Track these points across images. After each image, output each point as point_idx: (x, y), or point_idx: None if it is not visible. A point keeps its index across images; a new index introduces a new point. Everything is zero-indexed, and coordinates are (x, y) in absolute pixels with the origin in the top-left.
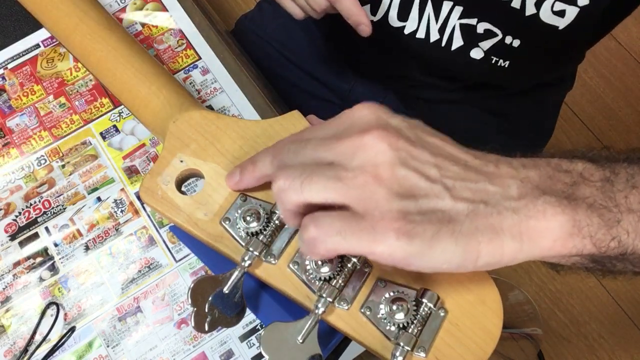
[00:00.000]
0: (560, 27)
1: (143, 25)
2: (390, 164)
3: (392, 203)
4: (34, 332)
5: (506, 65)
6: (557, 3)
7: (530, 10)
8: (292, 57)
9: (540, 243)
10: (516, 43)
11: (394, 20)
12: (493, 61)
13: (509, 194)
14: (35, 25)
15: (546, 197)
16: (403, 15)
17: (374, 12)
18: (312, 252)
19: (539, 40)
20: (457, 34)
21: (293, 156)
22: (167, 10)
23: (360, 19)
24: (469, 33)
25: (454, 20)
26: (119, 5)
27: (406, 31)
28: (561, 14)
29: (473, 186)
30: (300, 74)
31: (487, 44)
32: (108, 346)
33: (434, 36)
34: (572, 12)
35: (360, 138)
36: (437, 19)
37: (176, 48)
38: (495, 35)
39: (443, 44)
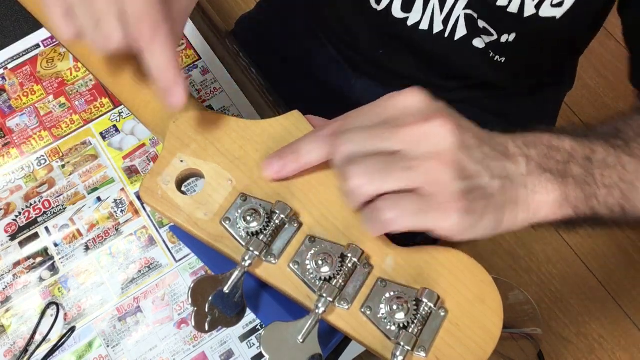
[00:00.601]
0: (558, 17)
1: None
2: (452, 150)
3: (455, 185)
4: (34, 332)
5: (503, 61)
6: None
7: (529, 12)
8: (292, 57)
9: (541, 213)
10: (512, 38)
11: (397, 11)
12: (491, 54)
13: (521, 171)
14: (35, 25)
15: (547, 175)
16: (407, 6)
17: (377, 1)
18: (387, 229)
19: (536, 34)
20: (462, 23)
21: (356, 148)
22: None
23: (172, 86)
24: (472, 23)
25: (459, 11)
26: None
27: (409, 22)
28: (560, 4)
29: (500, 164)
30: (300, 73)
31: (486, 39)
32: (108, 346)
33: (438, 27)
34: (570, 0)
35: (423, 125)
36: (441, 10)
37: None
38: (491, 34)
39: (446, 34)
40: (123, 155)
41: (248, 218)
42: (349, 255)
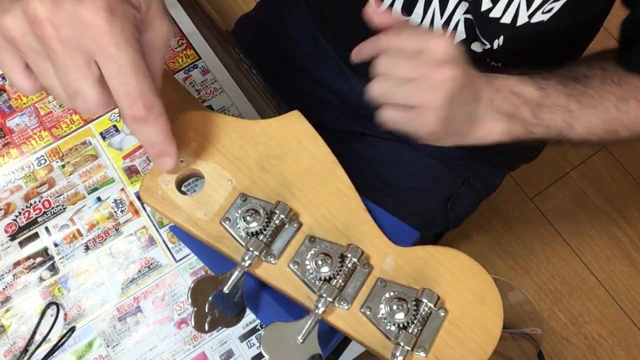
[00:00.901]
0: (545, 20)
1: None
2: (447, 92)
3: (438, 112)
4: (34, 332)
5: (499, 65)
6: (547, 4)
7: (522, 21)
8: (292, 57)
9: (490, 137)
10: (501, 42)
11: (397, 13)
12: (487, 60)
13: (482, 110)
14: None
15: (498, 115)
16: (408, 8)
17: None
18: (382, 104)
19: (526, 37)
20: (461, 27)
21: (392, 67)
22: None
23: (162, 156)
24: (471, 28)
25: (459, 15)
26: None
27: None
28: (550, 10)
29: (469, 107)
30: (300, 73)
31: (482, 46)
32: (108, 346)
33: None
34: (558, 5)
35: (438, 69)
36: (442, 14)
37: (176, 48)
38: (485, 43)
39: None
40: (123, 155)
41: (248, 218)
42: (349, 255)
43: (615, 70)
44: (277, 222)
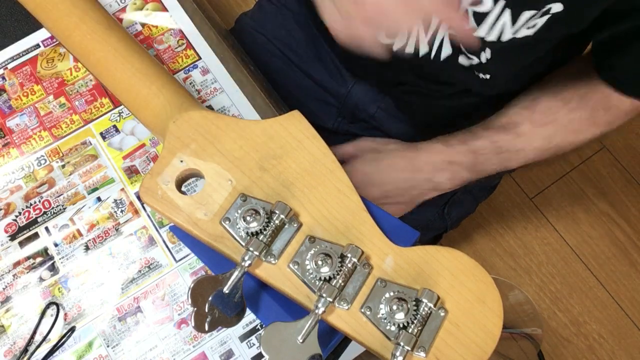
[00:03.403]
0: (532, 34)
1: (143, 25)
2: (370, 178)
3: (375, 194)
4: (34, 332)
5: (488, 78)
6: (531, 20)
7: (506, 37)
8: (292, 56)
9: (437, 191)
10: (489, 55)
11: (382, 37)
12: (475, 73)
13: (424, 177)
14: (35, 25)
15: (438, 180)
16: (391, 33)
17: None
18: None
19: (511, 50)
20: (447, 43)
21: None
22: (167, 10)
23: None
24: (457, 43)
25: (443, 31)
26: (119, 5)
27: (394, 48)
28: (534, 26)
29: (406, 177)
30: (300, 74)
31: (470, 60)
32: (108, 346)
33: (423, 49)
34: (542, 20)
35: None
36: (426, 32)
37: (176, 48)
38: (472, 59)
39: (432, 56)
40: (123, 155)
41: (248, 218)
42: (349, 255)
43: (549, 98)
44: (277, 222)
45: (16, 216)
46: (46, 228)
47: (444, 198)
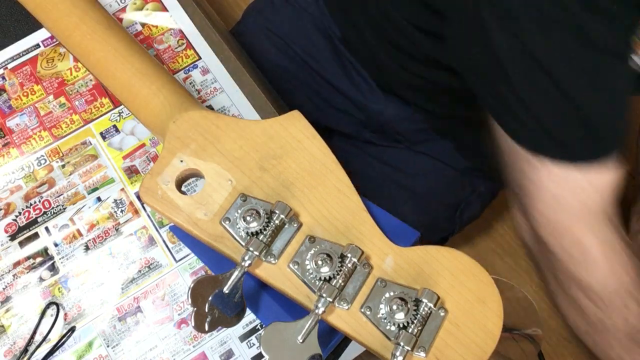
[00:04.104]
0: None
1: (143, 25)
2: None
3: None
4: (34, 332)
5: None
6: None
7: None
8: (312, 63)
9: None
10: None
11: None
12: None
13: None
14: (35, 25)
15: None
16: None
17: None
18: None
19: None
20: None
21: None
22: (167, 10)
23: None
24: None
25: None
26: (119, 5)
27: None
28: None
29: None
30: (320, 80)
31: None
32: (108, 346)
33: None
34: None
35: None
36: None
37: (176, 48)
38: None
39: None
40: (123, 155)
41: (248, 218)
42: (349, 255)
43: None
44: (277, 222)
45: (16, 216)
46: (46, 228)
47: (457, 199)
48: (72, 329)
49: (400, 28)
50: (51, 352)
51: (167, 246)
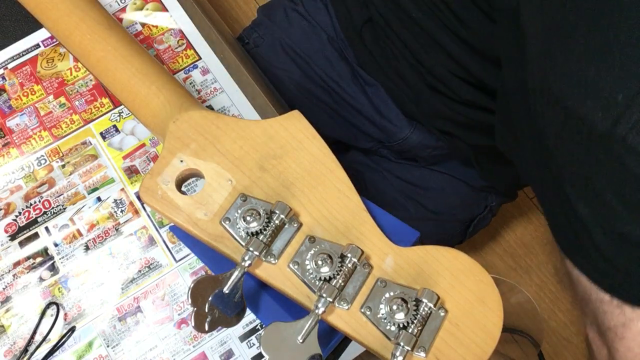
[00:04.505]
0: None
1: (143, 25)
2: None
3: None
4: (34, 332)
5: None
6: None
7: None
8: (334, 86)
9: None
10: None
11: None
12: None
13: None
14: (35, 25)
15: None
16: None
17: None
18: None
19: None
20: None
21: None
22: (167, 10)
23: None
24: None
25: None
26: (119, 5)
27: None
28: None
29: None
30: (339, 100)
31: None
32: (108, 346)
33: None
34: None
35: None
36: None
37: (176, 48)
38: None
39: None
40: (123, 155)
41: (248, 218)
42: (349, 255)
43: None
44: (277, 222)
45: (16, 216)
46: (46, 228)
47: (471, 215)
48: (72, 329)
49: (438, 76)
50: (51, 352)
51: (167, 246)
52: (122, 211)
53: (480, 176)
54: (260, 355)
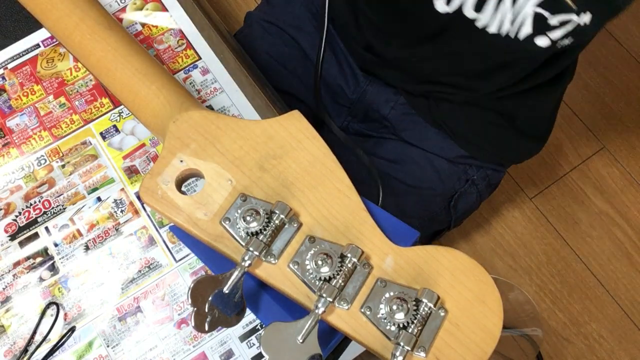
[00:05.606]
0: None
1: (143, 25)
2: None
3: None
4: (34, 332)
5: (569, 44)
6: None
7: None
8: (308, 49)
9: None
10: (588, 20)
11: (469, 11)
12: (559, 47)
13: None
14: (35, 25)
15: None
16: (480, 5)
17: (448, 1)
18: None
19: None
20: (529, 21)
21: None
22: (167, 10)
23: None
24: (540, 21)
25: (530, 8)
26: (119, 5)
27: (479, 24)
28: None
29: None
30: (308, 64)
31: (560, 32)
32: (108, 346)
33: (505, 28)
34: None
35: None
36: (513, 6)
37: (176, 48)
38: (570, 20)
39: (513, 34)
40: (123, 155)
41: (248, 218)
42: (349, 255)
43: None
44: (277, 222)
45: (16, 216)
46: (46, 228)
47: (452, 190)
48: (72, 329)
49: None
50: (51, 352)
51: (167, 246)
52: (122, 211)
53: (451, 138)
54: (260, 355)
